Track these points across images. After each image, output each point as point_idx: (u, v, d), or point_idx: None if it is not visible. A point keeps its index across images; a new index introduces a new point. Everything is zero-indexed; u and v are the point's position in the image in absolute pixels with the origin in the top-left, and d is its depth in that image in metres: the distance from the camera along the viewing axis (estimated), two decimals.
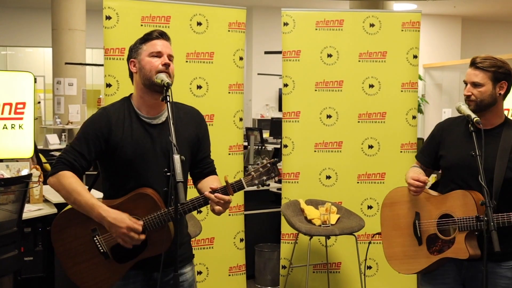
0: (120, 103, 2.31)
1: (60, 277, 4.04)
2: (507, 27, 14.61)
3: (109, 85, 3.86)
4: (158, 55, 2.24)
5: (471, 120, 2.43)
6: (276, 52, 4.86)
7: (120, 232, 2.14)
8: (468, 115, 2.45)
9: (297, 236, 4.17)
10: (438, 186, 2.64)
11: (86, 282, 2.26)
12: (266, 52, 6.88)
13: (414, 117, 4.37)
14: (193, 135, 2.36)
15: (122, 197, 2.23)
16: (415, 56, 4.35)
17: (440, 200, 2.54)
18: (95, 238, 2.23)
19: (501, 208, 2.36)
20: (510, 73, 2.50)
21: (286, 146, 4.34)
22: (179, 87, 3.98)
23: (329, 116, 4.34)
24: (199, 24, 4.06)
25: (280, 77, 4.37)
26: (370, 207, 4.32)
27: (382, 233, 2.75)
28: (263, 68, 11.95)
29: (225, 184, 2.18)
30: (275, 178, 2.24)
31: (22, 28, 13.37)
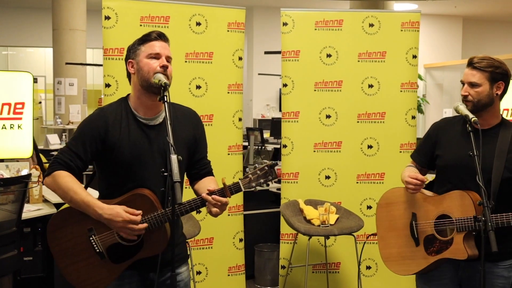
0: (117, 104, 2.31)
1: (60, 277, 4.04)
2: (508, 27, 14.60)
3: (108, 85, 3.87)
4: (157, 57, 2.23)
5: (469, 120, 2.43)
6: (276, 52, 4.86)
7: (118, 226, 2.15)
8: (466, 115, 2.45)
9: (296, 236, 4.17)
10: (433, 186, 2.63)
11: (82, 282, 2.26)
12: (266, 52, 6.89)
13: (414, 117, 4.37)
14: (190, 136, 2.36)
15: (119, 198, 2.23)
16: (415, 56, 4.34)
17: (437, 201, 2.53)
18: (91, 238, 2.23)
19: (499, 209, 2.36)
20: (507, 74, 2.50)
21: (286, 146, 4.34)
22: (178, 87, 3.99)
23: (329, 116, 4.34)
24: (198, 24, 4.06)
25: (281, 77, 4.37)
26: (369, 207, 4.32)
27: (378, 234, 2.73)
28: (264, 68, 11.96)
29: (223, 186, 2.18)
30: (269, 182, 2.24)
31: (23, 28, 13.39)
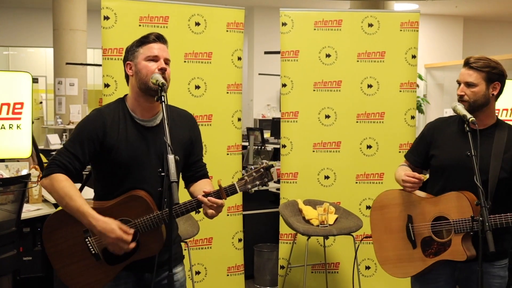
0: (115, 105, 2.31)
1: (59, 277, 4.05)
2: (509, 27, 14.58)
3: (107, 85, 3.87)
4: (155, 59, 2.23)
5: (467, 120, 2.42)
6: (275, 52, 4.85)
7: (109, 242, 2.15)
8: (464, 115, 2.45)
9: (295, 236, 4.17)
10: (426, 186, 2.62)
11: (77, 284, 2.26)
12: (266, 52, 6.89)
13: (413, 117, 4.36)
14: (187, 138, 2.36)
15: (115, 199, 2.23)
16: (414, 56, 4.34)
17: (433, 202, 2.52)
18: (87, 240, 2.23)
19: (495, 209, 2.36)
20: (503, 74, 2.51)
21: (285, 146, 4.34)
22: (177, 87, 3.99)
23: (328, 116, 4.34)
24: (197, 24, 4.06)
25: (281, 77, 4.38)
26: (369, 207, 4.31)
27: (373, 237, 2.72)
28: (265, 68, 11.96)
29: (218, 188, 2.19)
30: (268, 183, 2.24)
31: (24, 29, 13.40)
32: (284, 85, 4.33)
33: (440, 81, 13.26)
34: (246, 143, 6.77)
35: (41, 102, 13.87)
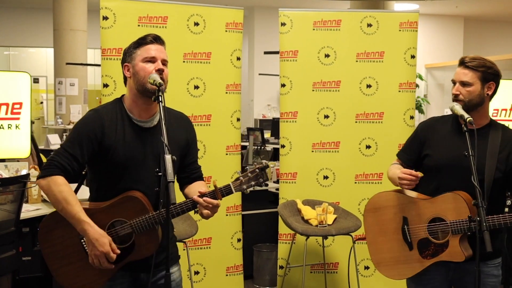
0: (112, 105, 2.31)
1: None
2: (509, 27, 14.57)
3: (106, 85, 3.87)
4: (152, 60, 2.23)
5: (465, 120, 2.42)
6: (275, 52, 4.85)
7: (95, 253, 2.15)
8: (462, 115, 2.45)
9: (294, 236, 4.17)
10: (419, 186, 2.58)
11: (73, 284, 2.26)
12: (266, 52, 6.89)
13: (412, 117, 4.36)
14: (183, 140, 2.36)
15: (111, 200, 2.23)
16: (413, 56, 4.34)
17: (429, 204, 2.51)
18: (83, 241, 2.23)
19: (490, 209, 2.36)
20: (498, 74, 2.52)
21: (284, 146, 4.34)
22: (176, 88, 4.00)
23: (327, 116, 4.34)
24: (196, 24, 4.06)
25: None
26: None
27: (368, 239, 2.69)
28: (265, 68, 11.96)
29: (214, 189, 2.19)
30: (264, 183, 2.24)
31: (25, 29, 13.41)
32: (283, 85, 4.33)
33: (441, 81, 13.26)
34: (246, 143, 6.77)
35: (42, 102, 13.88)
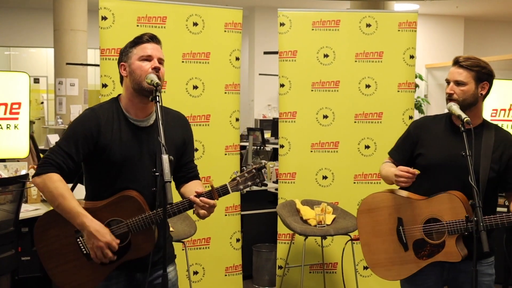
0: (109, 104, 2.31)
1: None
2: (510, 27, 14.56)
3: (105, 85, 3.87)
4: (148, 59, 2.23)
5: (462, 120, 2.42)
6: (274, 53, 4.85)
7: (97, 245, 2.15)
8: (459, 115, 2.45)
9: (293, 237, 4.17)
10: (411, 186, 2.55)
11: (68, 284, 2.26)
12: (265, 53, 6.89)
13: (411, 117, 4.36)
14: (180, 139, 2.36)
15: (107, 199, 2.23)
16: (412, 56, 4.34)
17: (424, 204, 2.50)
18: (79, 240, 2.23)
19: (485, 209, 2.32)
20: (492, 75, 2.53)
21: (283, 146, 4.34)
22: (175, 88, 4.00)
23: (326, 116, 4.34)
24: (195, 25, 4.07)
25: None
26: None
27: (362, 240, 2.67)
28: (265, 69, 11.96)
29: (210, 189, 2.19)
30: (260, 183, 2.24)
31: (25, 29, 13.42)
32: (282, 85, 4.34)
33: (441, 81, 13.24)
34: (246, 143, 6.77)
35: (42, 102, 13.89)
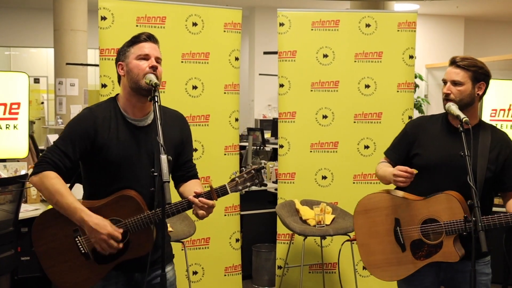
0: (106, 104, 2.31)
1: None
2: (510, 27, 14.56)
3: (105, 86, 3.88)
4: (146, 58, 2.23)
5: (461, 120, 2.42)
6: (273, 53, 4.85)
7: (100, 238, 2.14)
8: (458, 115, 2.45)
9: (293, 237, 4.17)
10: (408, 186, 2.54)
11: (66, 283, 2.26)
12: (265, 53, 6.89)
13: (410, 118, 4.35)
14: (178, 139, 2.36)
15: (105, 199, 2.23)
16: (411, 57, 4.34)
17: (421, 205, 2.49)
18: (77, 239, 2.23)
19: (480, 208, 2.32)
20: (489, 75, 2.53)
21: (282, 147, 4.34)
22: (175, 88, 4.01)
23: (325, 117, 4.34)
24: (195, 25, 4.07)
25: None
26: None
27: (358, 241, 2.66)
28: (266, 69, 11.96)
29: (209, 189, 2.19)
30: (259, 184, 2.25)
31: (25, 29, 13.42)
32: (282, 85, 4.34)
33: (441, 82, 13.22)
34: (246, 144, 6.77)
35: (43, 103, 13.89)
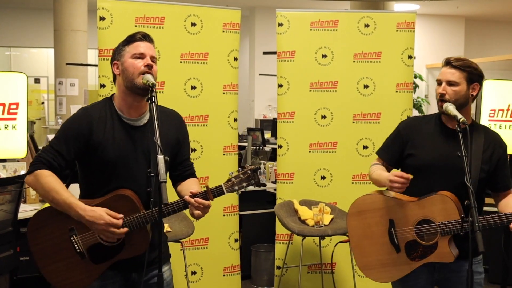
0: (102, 104, 2.31)
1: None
2: (510, 27, 14.56)
3: (103, 86, 3.88)
4: (141, 57, 2.24)
5: (458, 120, 2.42)
6: (273, 53, 4.86)
7: (100, 229, 2.14)
8: (455, 116, 2.44)
9: (291, 237, 4.18)
10: None
11: (61, 282, 2.26)
12: (265, 53, 6.90)
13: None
14: (174, 138, 2.36)
15: (100, 198, 2.23)
16: (410, 57, 4.34)
17: (416, 206, 2.49)
18: (72, 238, 2.23)
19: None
20: (482, 76, 2.53)
21: (281, 147, 4.35)
22: (173, 88, 4.01)
23: (324, 117, 4.34)
24: (194, 25, 4.07)
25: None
26: None
27: (352, 243, 2.66)
28: (266, 69, 11.96)
29: (205, 189, 2.19)
30: (255, 184, 2.25)
31: (26, 29, 13.44)
32: (280, 86, 4.34)
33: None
34: (246, 144, 6.77)
35: (43, 103, 13.91)
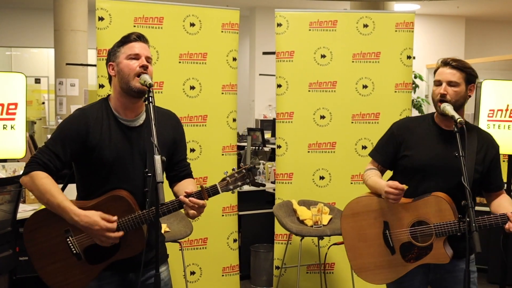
0: (98, 104, 2.31)
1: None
2: (511, 27, 14.54)
3: (102, 86, 3.88)
4: (136, 57, 2.24)
5: (455, 121, 2.41)
6: (272, 53, 4.86)
7: (95, 234, 2.15)
8: (453, 116, 2.43)
9: (290, 237, 4.18)
10: None
11: (58, 283, 2.26)
12: (264, 53, 6.90)
13: None
14: (170, 138, 2.36)
15: (96, 199, 2.23)
16: (409, 57, 4.34)
17: (410, 208, 2.48)
18: (68, 239, 2.23)
19: (464, 209, 2.29)
20: (477, 77, 2.54)
21: (280, 147, 4.35)
22: (172, 88, 4.01)
23: (323, 117, 4.34)
24: (192, 25, 4.07)
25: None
26: None
27: (346, 245, 2.65)
28: (266, 69, 11.96)
29: (200, 189, 2.19)
30: (250, 183, 2.25)
31: (26, 29, 13.44)
32: (279, 86, 4.34)
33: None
34: (245, 144, 6.77)
35: (44, 103, 13.91)
